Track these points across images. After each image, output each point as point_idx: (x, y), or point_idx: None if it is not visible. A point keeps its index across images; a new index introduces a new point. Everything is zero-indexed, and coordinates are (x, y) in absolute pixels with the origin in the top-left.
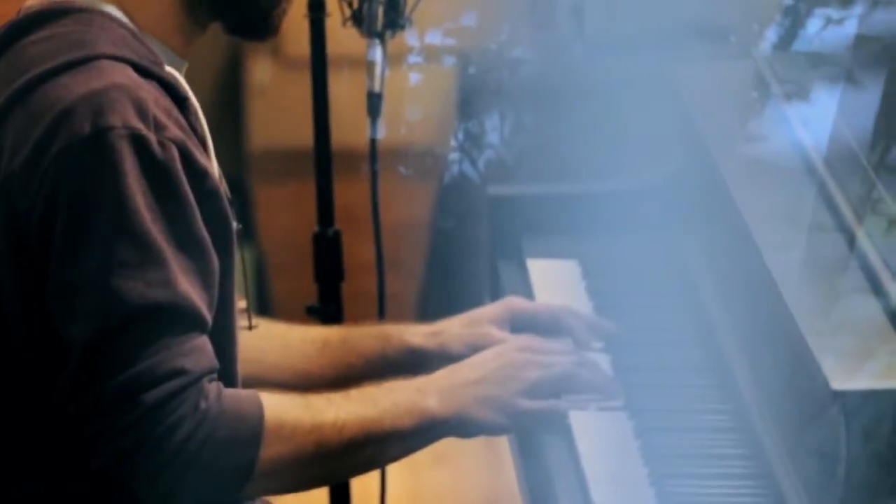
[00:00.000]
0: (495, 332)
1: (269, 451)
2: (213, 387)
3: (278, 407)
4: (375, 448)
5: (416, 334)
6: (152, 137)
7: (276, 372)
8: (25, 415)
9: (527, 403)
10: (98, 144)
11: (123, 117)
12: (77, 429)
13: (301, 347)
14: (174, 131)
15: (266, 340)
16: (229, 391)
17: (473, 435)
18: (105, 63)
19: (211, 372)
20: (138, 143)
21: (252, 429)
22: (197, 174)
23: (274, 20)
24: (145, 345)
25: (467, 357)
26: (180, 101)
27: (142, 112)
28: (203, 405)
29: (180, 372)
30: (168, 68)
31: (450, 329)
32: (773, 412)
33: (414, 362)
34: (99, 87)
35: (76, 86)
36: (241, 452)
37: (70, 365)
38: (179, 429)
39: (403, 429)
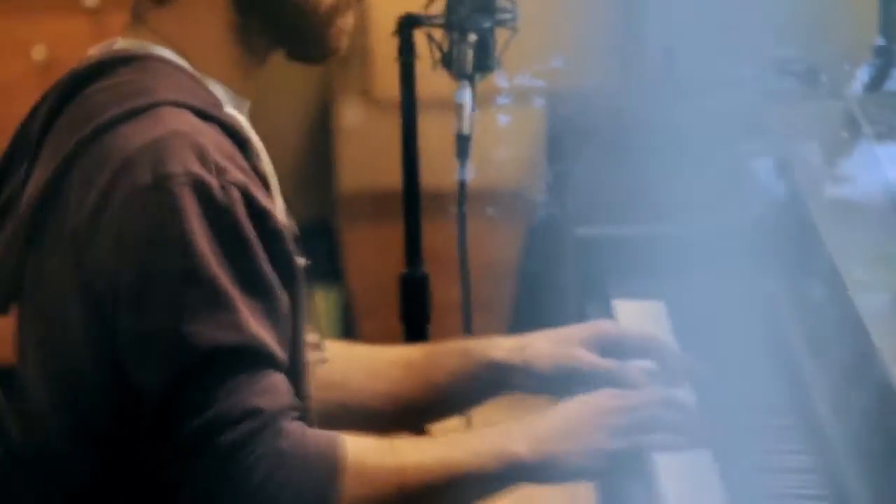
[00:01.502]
0: (582, 353)
1: (350, 493)
2: (294, 426)
3: (360, 448)
4: (458, 491)
5: (499, 349)
6: (214, 182)
7: (359, 394)
8: (106, 468)
9: (613, 444)
10: (160, 192)
11: (184, 164)
12: (158, 476)
13: (384, 369)
14: (235, 174)
15: (349, 364)
16: (310, 431)
17: (559, 481)
18: (165, 110)
19: (289, 410)
20: (200, 188)
21: (331, 470)
22: (260, 215)
23: (331, 40)
24: (219, 388)
25: (551, 374)
26: (241, 143)
27: (202, 157)
28: (281, 445)
29: (255, 412)
30: (229, 109)
31: (535, 344)
32: (859, 454)
33: (498, 377)
34: (158, 135)
35: (136, 135)
36: (320, 494)
37: (146, 413)
38: (257, 470)
39: (488, 473)
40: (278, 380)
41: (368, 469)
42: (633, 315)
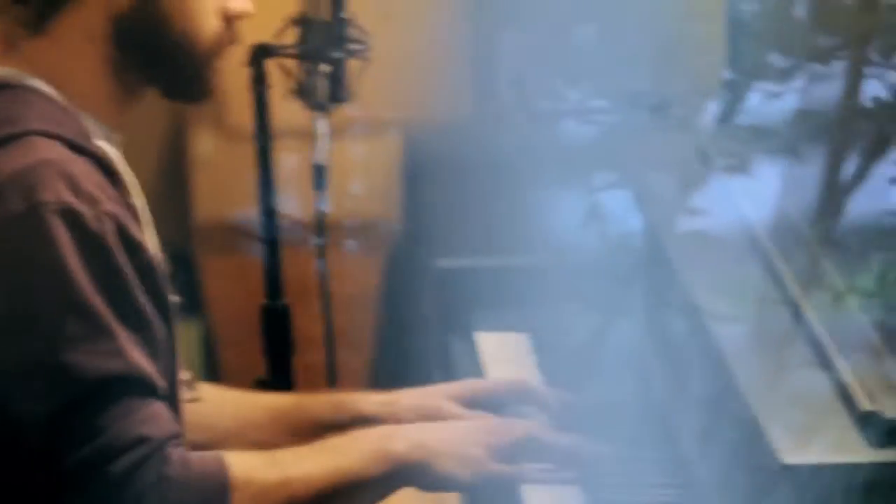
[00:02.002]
0: (451, 407)
1: None
2: (176, 452)
3: (244, 465)
4: (345, 497)
5: (369, 402)
6: (87, 211)
7: (228, 440)
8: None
9: (492, 465)
10: (32, 220)
11: (56, 192)
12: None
13: (253, 416)
14: (108, 205)
15: (218, 408)
16: (194, 454)
17: (434, 488)
18: (35, 139)
19: (173, 437)
20: (72, 217)
21: (219, 491)
22: (132, 247)
23: (207, 81)
24: (104, 417)
25: None
26: (113, 175)
27: (74, 187)
28: (168, 472)
29: (142, 439)
30: (100, 142)
31: (404, 399)
32: (724, 486)
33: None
34: (30, 164)
35: (7, 163)
36: None
37: (31, 443)
38: (147, 498)
39: (371, 475)
40: (161, 408)
41: (256, 485)
42: (498, 348)
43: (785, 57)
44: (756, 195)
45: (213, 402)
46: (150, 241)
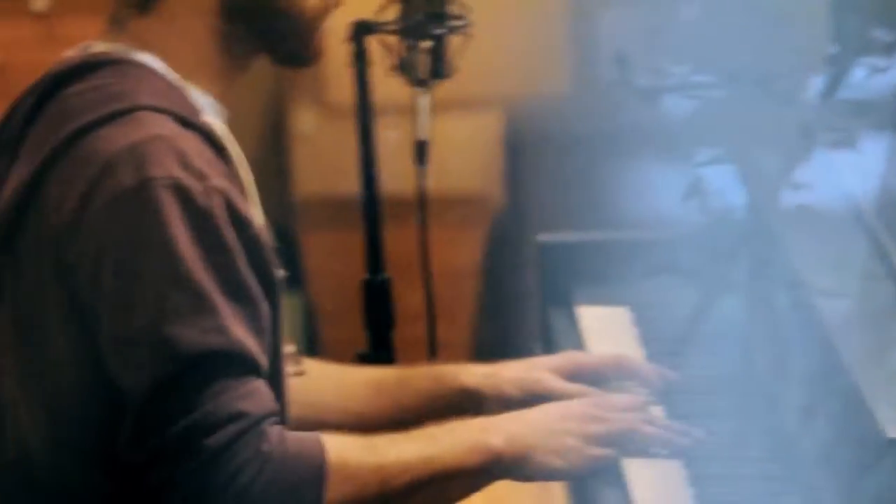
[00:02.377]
0: (552, 380)
1: (333, 492)
2: (274, 430)
3: (341, 448)
4: (439, 486)
5: (471, 375)
6: (196, 186)
7: (330, 414)
8: (88, 475)
9: (588, 449)
10: (142, 196)
11: (166, 167)
12: (142, 479)
13: (356, 389)
14: (217, 180)
15: (320, 382)
16: (291, 434)
17: (533, 479)
18: (145, 114)
19: (271, 415)
20: (182, 192)
21: (315, 470)
22: (240, 223)
23: (314, 45)
24: (203, 391)
25: (521, 401)
26: (221, 150)
27: (184, 162)
28: (265, 448)
29: (240, 415)
30: (207, 118)
31: (506, 372)
32: (827, 461)
33: (468, 403)
34: (140, 139)
35: (118, 137)
36: (305, 494)
37: (130, 416)
38: (243, 473)
39: (467, 467)
40: (260, 385)
41: (351, 468)
42: (598, 321)
43: (890, 31)
44: (860, 170)
45: (315, 377)
46: (257, 215)
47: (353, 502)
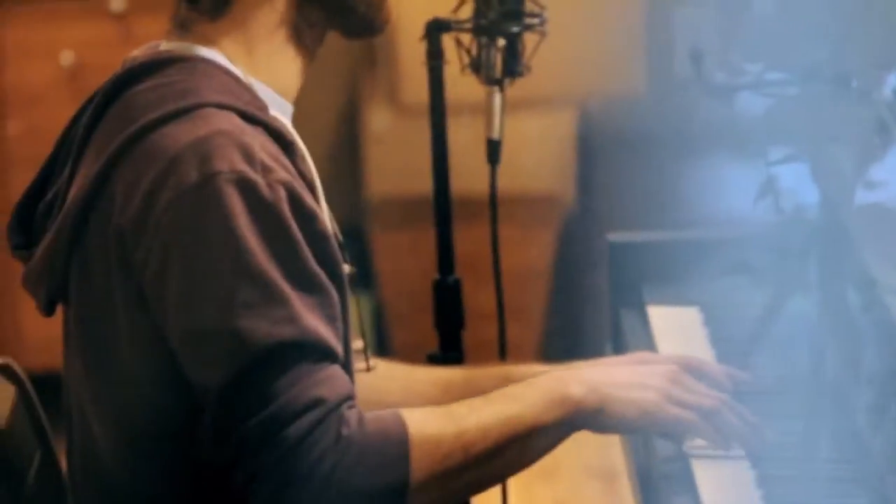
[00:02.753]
0: None
1: (419, 465)
2: (353, 413)
3: (421, 421)
4: (522, 444)
5: (541, 374)
6: (260, 180)
7: None
8: (172, 468)
9: (669, 408)
10: (207, 190)
11: (230, 162)
12: (226, 474)
13: (424, 389)
14: (281, 174)
15: (388, 382)
16: (371, 414)
17: (608, 431)
18: (210, 111)
19: (348, 398)
20: (246, 185)
21: (399, 447)
22: (305, 216)
23: (384, 11)
24: (279, 381)
25: None
26: (287, 145)
27: (248, 156)
28: (346, 432)
29: (318, 401)
30: (274, 113)
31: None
32: None
33: None
34: (204, 135)
35: (182, 134)
36: (391, 472)
37: (208, 411)
38: (326, 459)
39: (548, 421)
40: (336, 370)
41: (432, 439)
42: (669, 321)
43: None
44: None
45: (383, 376)
46: (324, 210)
47: (440, 473)
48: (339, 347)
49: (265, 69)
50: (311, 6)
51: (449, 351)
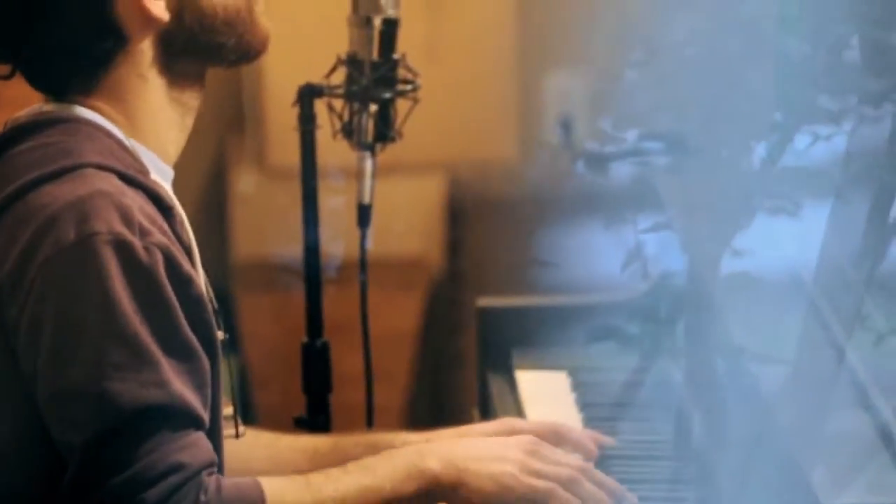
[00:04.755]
0: None
1: None
2: (212, 479)
3: (279, 490)
4: None
5: (406, 443)
6: (137, 242)
7: None
8: None
9: (527, 479)
10: (83, 250)
11: (108, 223)
12: None
13: (289, 457)
14: (158, 237)
15: (253, 450)
16: (229, 480)
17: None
18: (90, 171)
19: (210, 465)
20: (123, 247)
21: None
22: (181, 280)
23: (260, 30)
24: (143, 444)
25: None
26: (165, 209)
27: (126, 218)
28: (203, 498)
29: (179, 467)
30: (154, 177)
31: (440, 439)
32: None
33: None
34: (83, 194)
35: (61, 193)
36: None
37: (70, 470)
38: None
39: (405, 493)
40: (199, 437)
41: None
42: (537, 386)
43: (834, 99)
44: (801, 237)
45: (249, 444)
46: (199, 275)
47: None
48: (205, 414)
49: (146, 133)
50: (180, 61)
51: (316, 414)
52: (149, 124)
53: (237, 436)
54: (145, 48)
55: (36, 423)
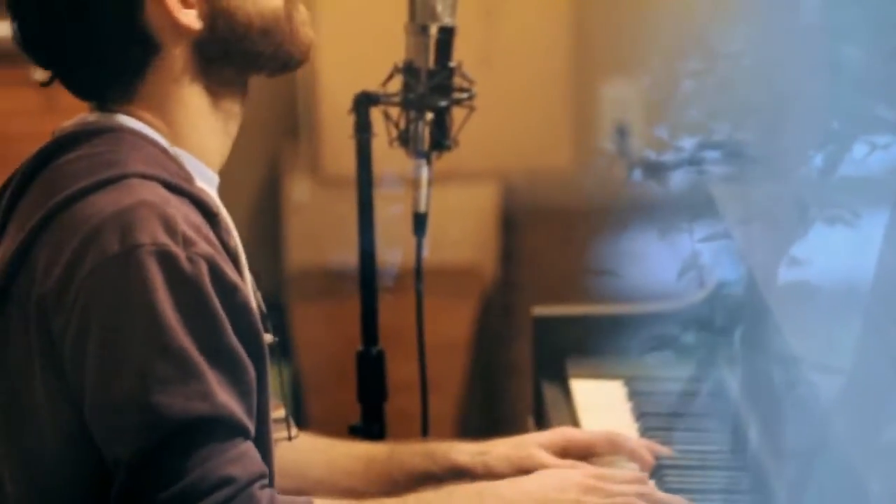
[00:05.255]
0: (544, 457)
1: None
2: (264, 493)
3: None
4: None
5: (462, 452)
6: (181, 253)
7: (319, 488)
8: None
9: None
10: (127, 262)
11: (152, 234)
12: None
13: (345, 464)
14: (203, 246)
15: (310, 455)
16: (282, 497)
17: None
18: (135, 181)
19: (260, 478)
20: (167, 258)
21: None
22: (226, 288)
23: (300, 39)
24: (191, 457)
25: (512, 477)
26: (211, 216)
27: (170, 228)
28: None
29: (229, 480)
30: (200, 184)
31: (497, 449)
32: None
33: (459, 480)
34: (127, 205)
35: (105, 204)
36: None
37: (118, 483)
38: None
39: None
40: (248, 448)
41: None
42: (592, 395)
43: (891, 108)
44: (858, 246)
45: (304, 450)
46: (246, 281)
47: None
48: (251, 424)
49: (189, 140)
50: (217, 67)
51: (371, 422)
52: (191, 131)
53: (290, 438)
54: (179, 56)
55: (83, 435)
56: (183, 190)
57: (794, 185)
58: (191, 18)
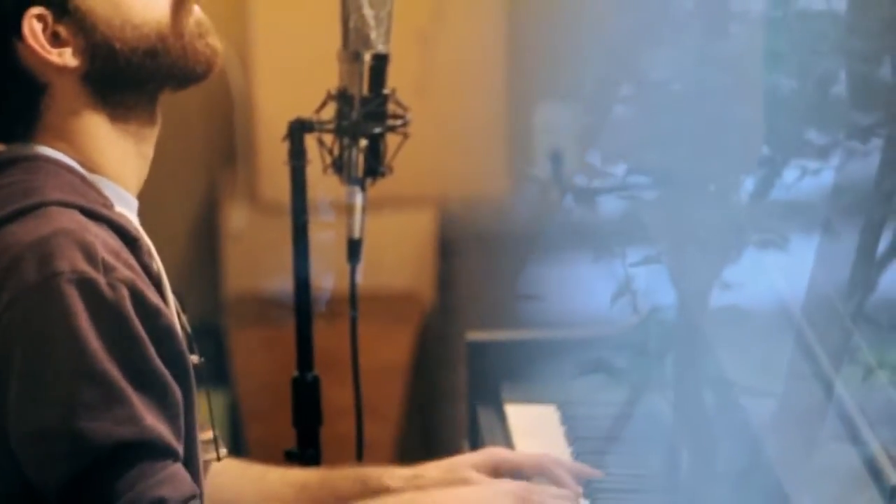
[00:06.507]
0: (476, 478)
1: None
2: None
3: None
4: None
5: (394, 477)
6: (101, 279)
7: None
8: None
9: None
10: (47, 290)
11: (70, 262)
12: None
13: (279, 490)
14: (123, 272)
15: (242, 482)
16: None
17: None
18: (53, 209)
19: (192, 498)
20: (87, 286)
21: None
22: (149, 312)
23: (200, 53)
24: (121, 481)
25: None
26: (131, 241)
27: (89, 255)
28: None
29: (160, 501)
30: (119, 208)
31: (429, 473)
32: None
33: None
34: (45, 234)
35: (23, 234)
36: None
37: None
38: None
39: None
40: (178, 470)
41: None
42: (526, 419)
43: (822, 133)
44: (789, 270)
45: (238, 476)
46: (171, 304)
47: None
48: (179, 447)
49: (103, 166)
50: (113, 94)
51: (307, 447)
52: (102, 158)
53: (218, 458)
54: (70, 90)
55: (11, 463)
56: (102, 216)
57: (726, 210)
58: (65, 57)
